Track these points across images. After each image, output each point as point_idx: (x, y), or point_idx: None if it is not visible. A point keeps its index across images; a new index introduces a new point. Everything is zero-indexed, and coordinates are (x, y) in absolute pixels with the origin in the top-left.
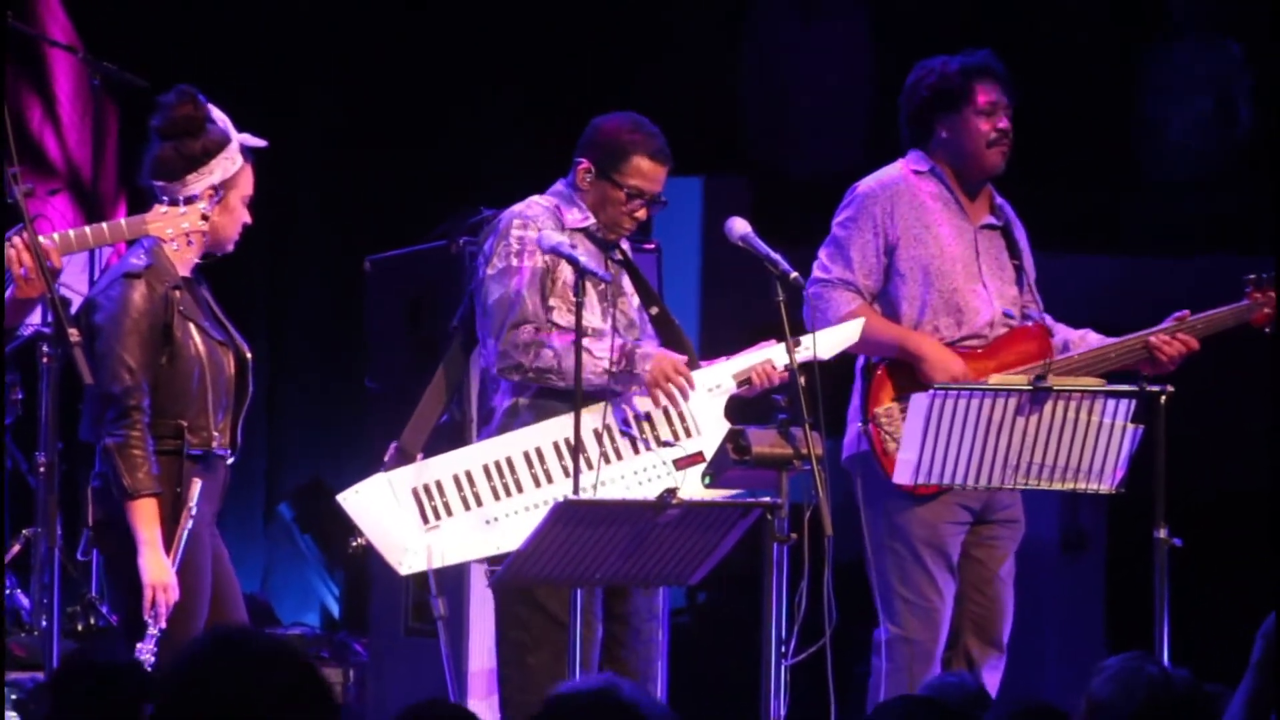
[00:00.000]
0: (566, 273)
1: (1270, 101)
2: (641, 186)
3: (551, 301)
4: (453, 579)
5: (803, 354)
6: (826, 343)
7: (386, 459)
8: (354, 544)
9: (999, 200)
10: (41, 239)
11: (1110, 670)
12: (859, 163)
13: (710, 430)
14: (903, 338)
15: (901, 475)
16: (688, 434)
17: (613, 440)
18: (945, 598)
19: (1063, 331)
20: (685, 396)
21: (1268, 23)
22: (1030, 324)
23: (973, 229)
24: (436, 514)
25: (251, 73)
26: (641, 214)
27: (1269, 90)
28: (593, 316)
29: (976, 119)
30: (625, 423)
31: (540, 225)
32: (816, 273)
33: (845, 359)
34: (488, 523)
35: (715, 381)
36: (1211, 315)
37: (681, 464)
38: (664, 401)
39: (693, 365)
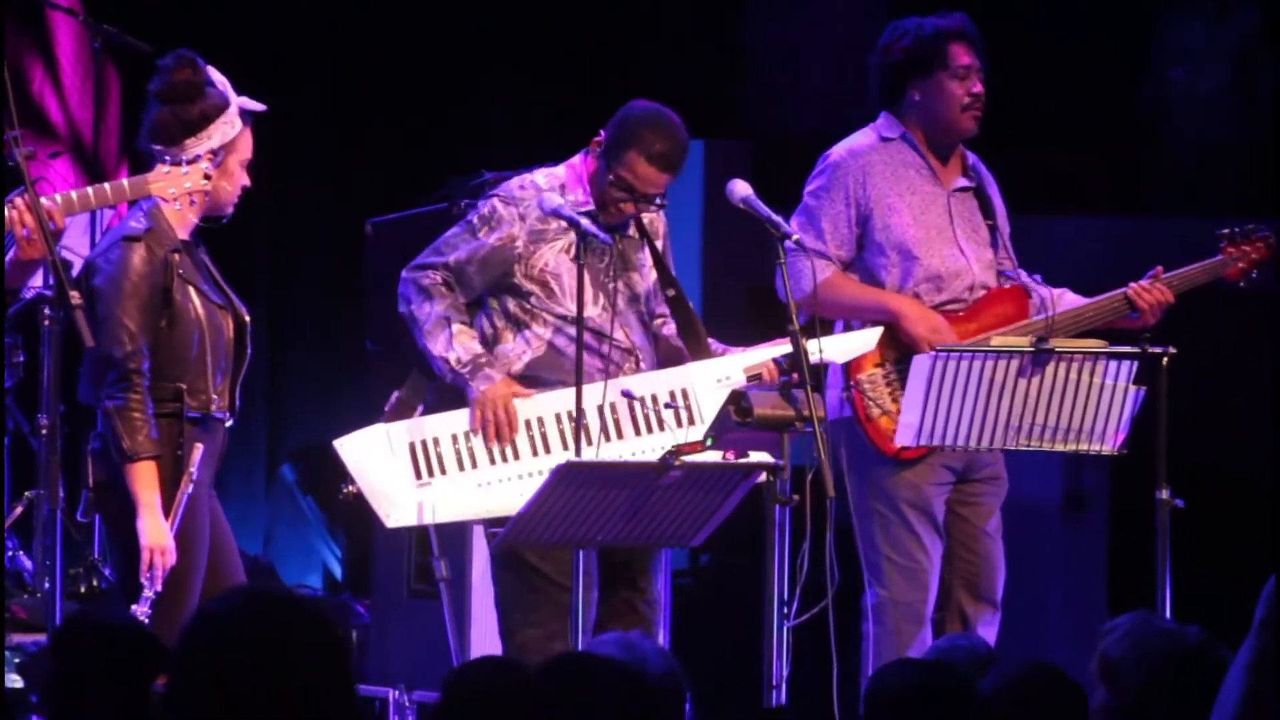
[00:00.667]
0: (548, 258)
1: None
2: (631, 182)
3: (527, 286)
4: (455, 540)
5: (812, 357)
6: (838, 348)
7: (387, 408)
8: (345, 490)
9: (971, 159)
10: (44, 200)
11: (1121, 629)
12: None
13: (711, 420)
14: (881, 298)
15: (903, 438)
16: (691, 422)
17: (615, 418)
18: (932, 558)
19: (1039, 290)
20: (503, 436)
21: None
22: (1007, 285)
23: (945, 193)
24: (430, 471)
25: (253, 36)
26: (627, 207)
27: None
28: (570, 301)
29: (950, 82)
30: (628, 390)
31: (523, 209)
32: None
33: (824, 320)
34: (480, 486)
35: (725, 373)
36: (1186, 271)
37: (682, 451)
38: (479, 426)
39: (702, 352)
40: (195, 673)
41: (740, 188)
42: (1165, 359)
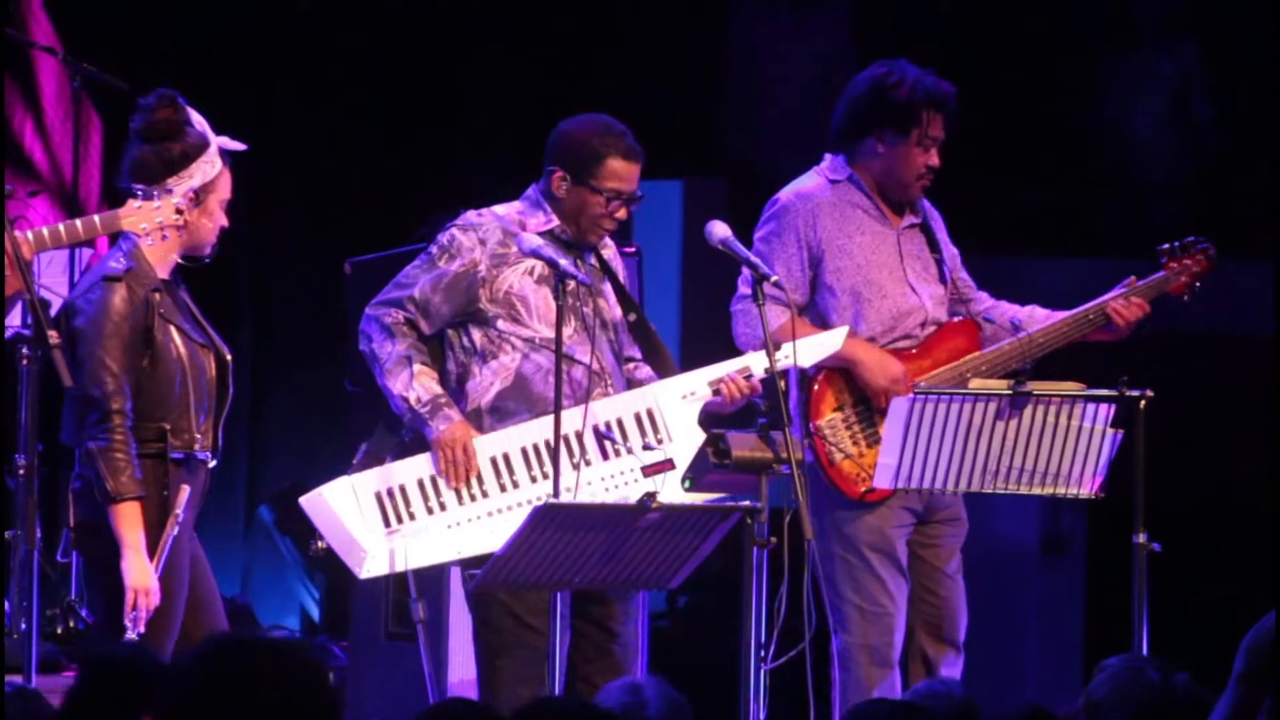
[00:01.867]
0: (511, 280)
1: (1239, 102)
2: (619, 188)
3: (492, 310)
4: (433, 583)
5: (783, 362)
6: (807, 352)
7: (355, 462)
8: (315, 545)
9: None
10: (29, 234)
11: (1109, 671)
12: None
13: (681, 438)
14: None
15: (882, 480)
16: (659, 441)
17: (582, 446)
18: (898, 601)
19: (1009, 310)
20: (461, 477)
21: (1229, 25)
22: (957, 320)
23: (895, 233)
24: (399, 518)
25: (234, 75)
26: (622, 214)
27: (1239, 93)
28: (544, 325)
29: (916, 150)
30: (607, 426)
31: (483, 234)
32: (741, 288)
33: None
34: (450, 527)
35: (690, 388)
36: (1134, 289)
37: (650, 471)
38: (443, 466)
39: (669, 374)
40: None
41: (719, 229)
42: (1142, 402)
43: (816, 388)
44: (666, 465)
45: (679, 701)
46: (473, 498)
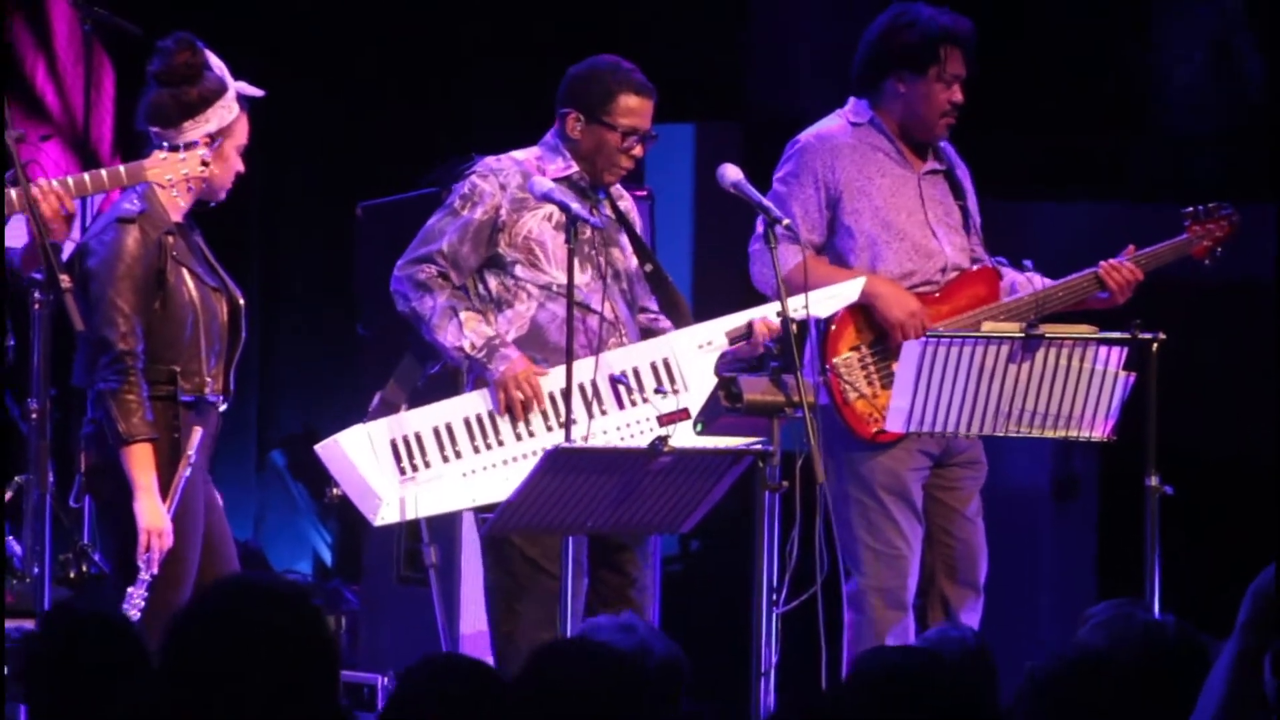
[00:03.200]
0: (530, 225)
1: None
2: (634, 124)
3: (510, 255)
4: (445, 527)
5: (798, 313)
6: (823, 302)
7: (370, 410)
8: (331, 493)
9: (942, 143)
10: (55, 183)
11: (1099, 617)
12: None
13: (698, 387)
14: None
15: (894, 423)
16: (675, 391)
17: (598, 395)
18: (912, 544)
19: (1009, 274)
20: (529, 409)
21: None
22: (979, 267)
23: (916, 176)
24: (415, 466)
25: (245, 20)
26: (638, 151)
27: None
28: (561, 272)
29: (937, 86)
30: (621, 373)
31: (503, 179)
32: (759, 228)
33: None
34: (465, 475)
35: (706, 338)
36: (1152, 251)
37: (666, 420)
38: (504, 406)
39: (684, 324)
40: (181, 666)
41: (731, 172)
42: (1155, 345)
43: (834, 326)
44: (682, 415)
45: (673, 645)
46: (488, 446)
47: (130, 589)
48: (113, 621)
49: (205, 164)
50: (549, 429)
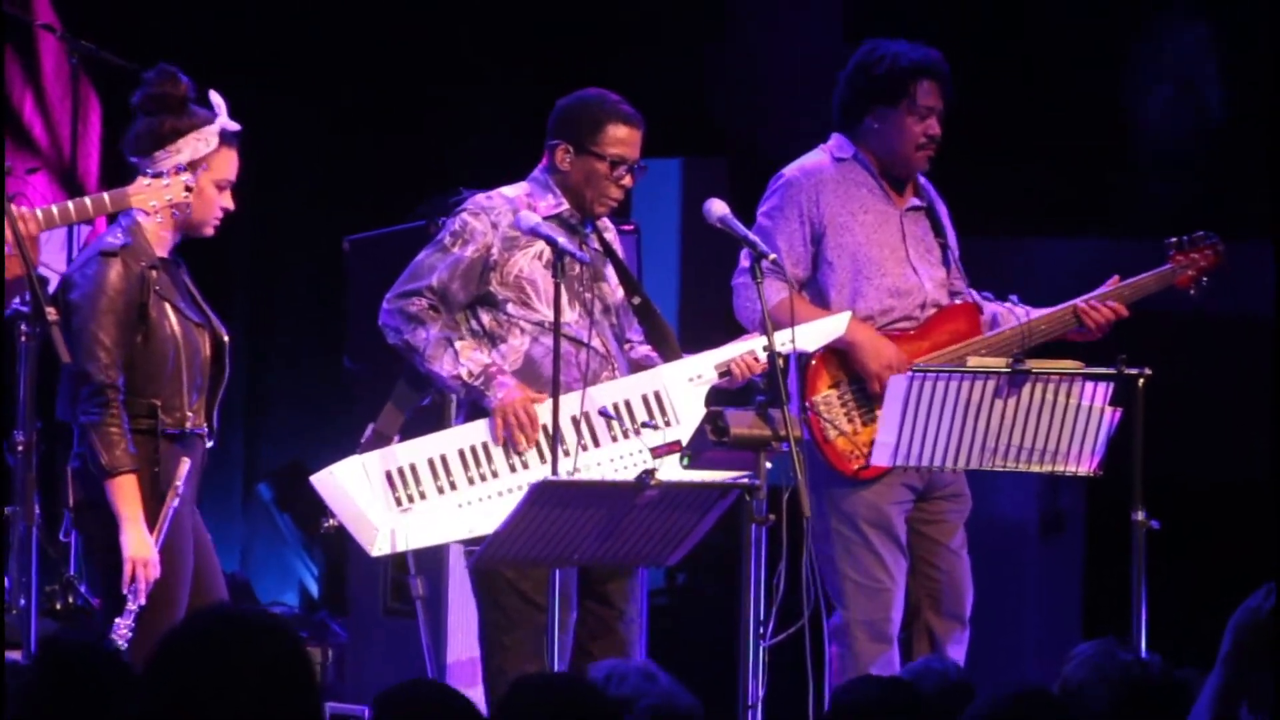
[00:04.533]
0: (521, 264)
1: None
2: (623, 154)
3: (502, 293)
4: (432, 559)
5: (784, 347)
6: (810, 336)
7: (363, 441)
8: (326, 524)
9: (921, 180)
10: (39, 211)
11: (1083, 655)
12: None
13: (690, 420)
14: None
15: (880, 458)
16: (666, 424)
17: (590, 427)
18: (896, 578)
19: (992, 307)
20: (528, 441)
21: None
22: (958, 302)
23: (898, 212)
24: (410, 498)
25: (234, 53)
26: (628, 181)
27: (1246, 74)
28: (552, 311)
29: (910, 119)
30: (604, 408)
31: (495, 218)
32: (742, 263)
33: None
34: (460, 506)
35: (696, 371)
36: (1137, 281)
37: (659, 452)
38: (502, 435)
39: (673, 356)
40: (163, 696)
41: (717, 207)
42: (1141, 380)
43: (813, 364)
44: (674, 447)
45: (693, 701)
46: (483, 477)
47: (117, 620)
48: (102, 653)
49: (189, 189)
50: (543, 461)
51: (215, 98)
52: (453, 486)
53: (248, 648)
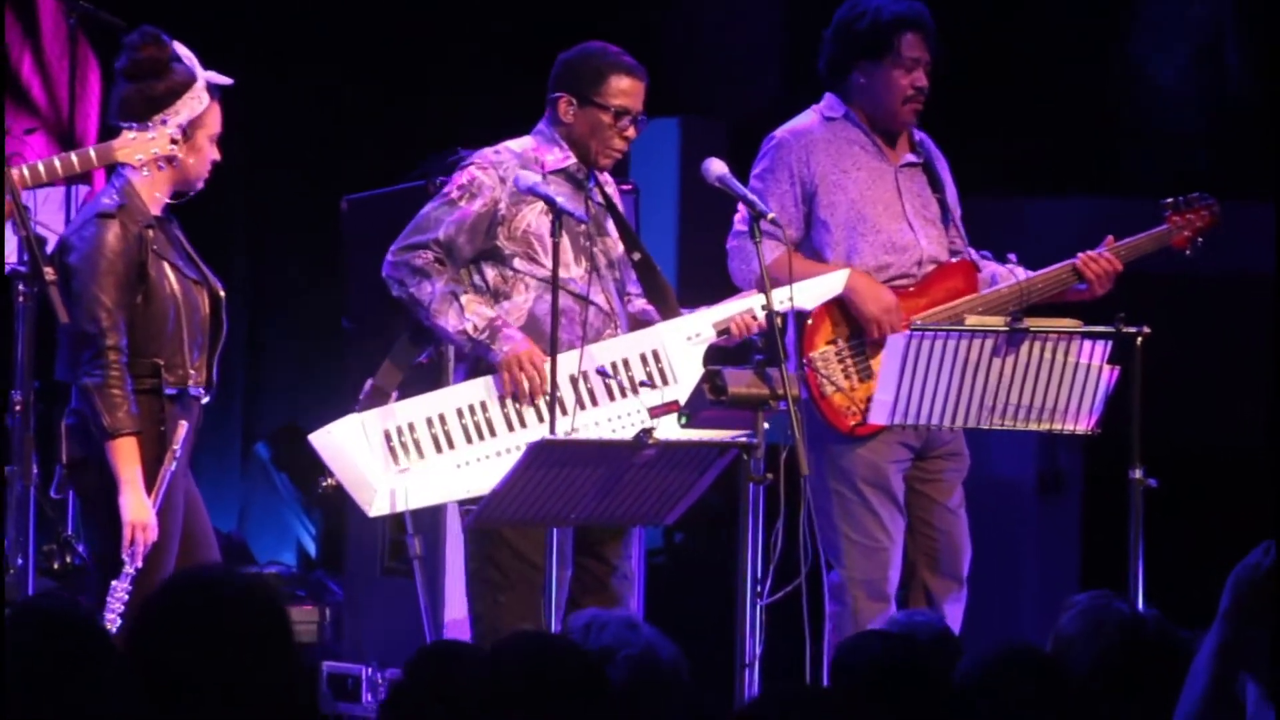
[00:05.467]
0: (530, 219)
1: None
2: (626, 104)
3: (509, 248)
4: (429, 519)
5: (783, 305)
6: (808, 294)
7: (361, 397)
8: (324, 483)
9: (918, 136)
10: (24, 168)
11: (1079, 606)
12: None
13: (688, 379)
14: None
15: (878, 416)
16: (665, 382)
17: (588, 386)
18: (893, 536)
19: (990, 266)
20: (535, 393)
21: None
22: (956, 260)
23: (893, 169)
24: (408, 455)
25: (230, 12)
26: (631, 132)
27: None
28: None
29: (896, 72)
30: (602, 367)
31: (503, 173)
32: (736, 225)
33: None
34: (459, 466)
35: (695, 330)
36: (1133, 241)
37: (657, 411)
38: (509, 388)
39: (671, 313)
40: (141, 660)
41: (716, 166)
42: (1139, 339)
43: (811, 320)
44: (672, 406)
45: (676, 652)
46: (480, 436)
47: (114, 583)
48: (77, 616)
49: (175, 141)
50: (541, 420)
51: (183, 50)
52: (450, 445)
53: (223, 612)
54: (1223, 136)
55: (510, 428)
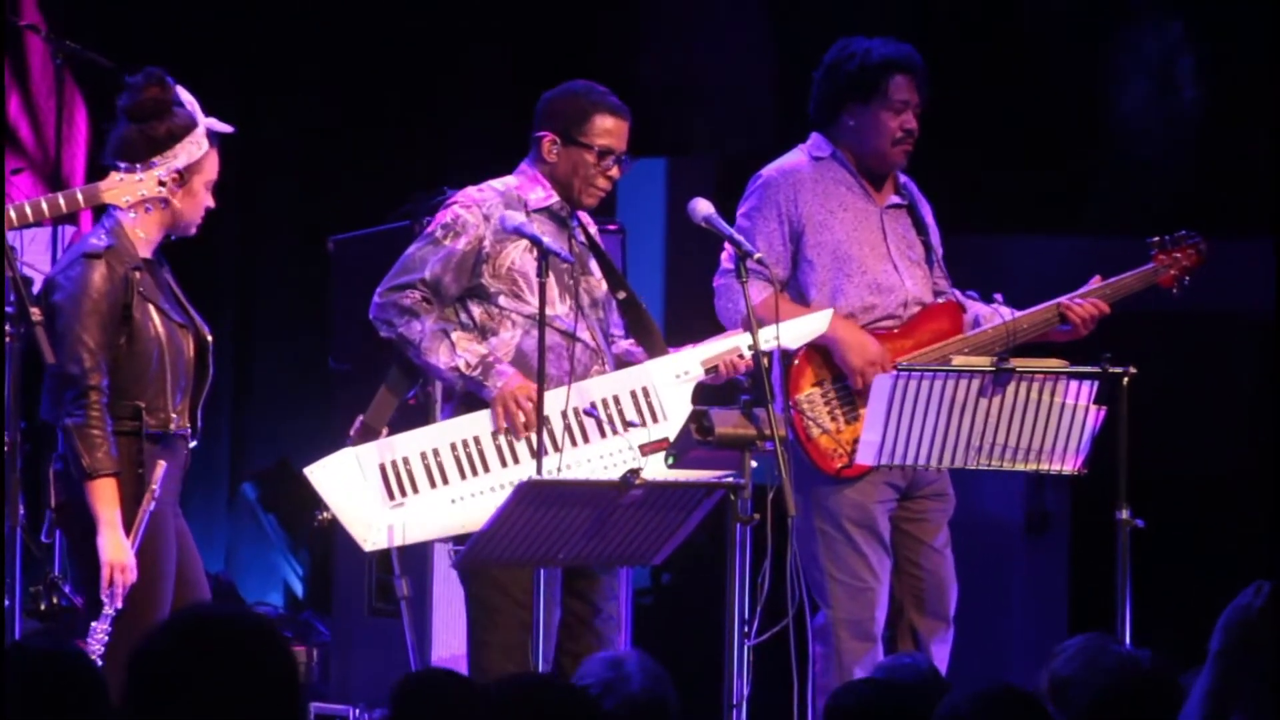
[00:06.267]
0: (514, 257)
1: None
2: (610, 144)
3: (494, 286)
4: (416, 559)
5: (768, 345)
6: (793, 333)
7: (352, 433)
8: (319, 518)
9: (902, 179)
10: (11, 208)
11: (1073, 649)
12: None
13: (677, 417)
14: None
15: (865, 456)
16: (654, 420)
17: (579, 422)
18: (880, 576)
19: (975, 307)
20: (530, 428)
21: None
22: (942, 300)
23: (878, 210)
24: (403, 491)
25: (221, 55)
26: (615, 172)
27: (1223, 70)
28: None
29: (885, 114)
30: (591, 405)
31: (487, 211)
32: (724, 264)
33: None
34: (453, 501)
35: (683, 368)
36: (1119, 280)
37: (647, 449)
38: (503, 423)
39: (658, 351)
40: (144, 698)
41: (702, 206)
42: (1125, 379)
43: (796, 363)
44: (663, 444)
45: (660, 674)
46: (475, 471)
47: (94, 624)
48: (69, 657)
49: (163, 184)
50: (533, 455)
51: (185, 95)
52: (444, 480)
53: (228, 648)
54: (1185, 170)
55: (504, 463)
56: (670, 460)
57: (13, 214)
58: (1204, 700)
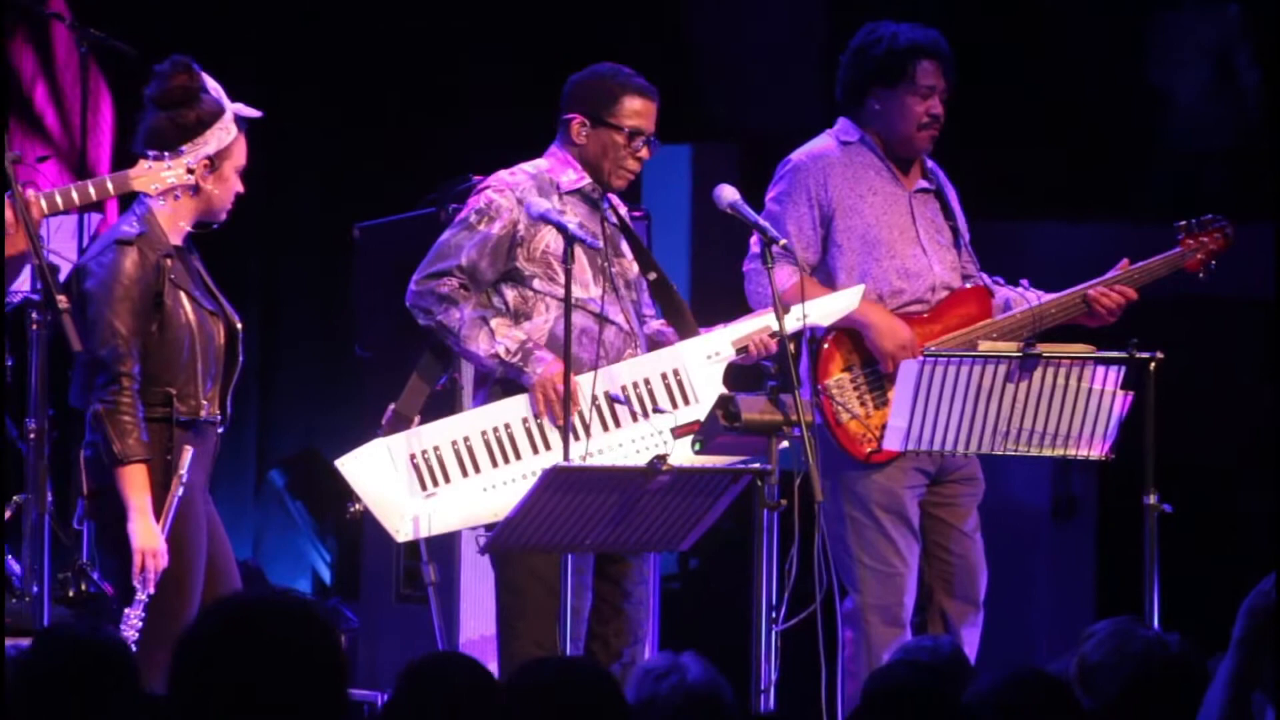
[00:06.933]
0: (548, 240)
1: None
2: (639, 125)
3: (529, 269)
4: (444, 546)
5: (796, 323)
6: (823, 310)
7: (384, 423)
8: (351, 509)
9: (929, 164)
10: (42, 196)
11: (1102, 633)
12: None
13: (708, 398)
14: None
15: (892, 442)
16: (685, 402)
17: (611, 408)
18: (909, 561)
19: (1004, 291)
20: (561, 416)
21: None
22: (970, 285)
23: (907, 194)
24: (435, 480)
25: (244, 41)
26: (644, 153)
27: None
28: (576, 286)
29: (911, 99)
30: (621, 390)
31: (520, 195)
32: (753, 248)
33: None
34: (485, 490)
35: (714, 349)
36: (1146, 265)
37: (679, 432)
38: (544, 409)
39: (690, 332)
40: (190, 687)
41: (728, 193)
42: (1153, 364)
43: (826, 347)
44: (695, 426)
45: (719, 679)
46: (506, 459)
47: (127, 610)
48: (101, 643)
49: (191, 171)
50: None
51: (211, 81)
52: (476, 469)
53: (275, 632)
54: (1237, 157)
55: (535, 450)
56: (697, 446)
57: (44, 202)
58: (1225, 686)
